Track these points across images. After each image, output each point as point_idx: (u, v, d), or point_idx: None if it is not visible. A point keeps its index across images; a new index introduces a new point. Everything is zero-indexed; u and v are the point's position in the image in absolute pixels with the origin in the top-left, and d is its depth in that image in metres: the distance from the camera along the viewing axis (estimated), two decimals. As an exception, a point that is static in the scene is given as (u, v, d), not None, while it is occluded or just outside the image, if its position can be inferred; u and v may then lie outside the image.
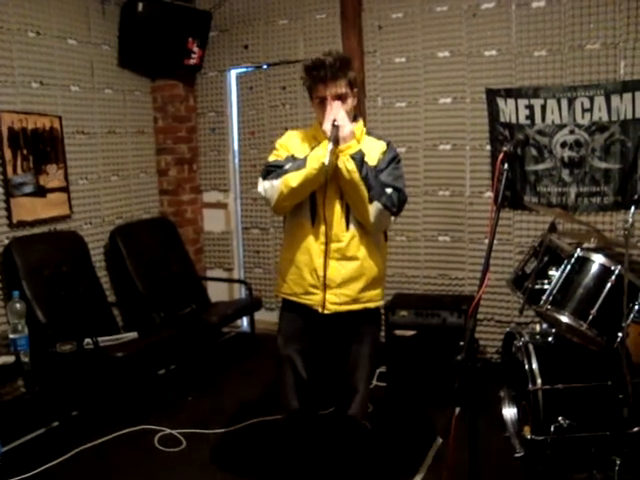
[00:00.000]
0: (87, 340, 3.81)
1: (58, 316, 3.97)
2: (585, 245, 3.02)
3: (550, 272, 2.97)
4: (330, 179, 2.60)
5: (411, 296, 4.62)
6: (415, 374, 4.09)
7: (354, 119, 2.75)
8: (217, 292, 5.44)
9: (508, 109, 4.34)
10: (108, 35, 4.77)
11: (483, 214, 4.52)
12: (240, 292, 5.55)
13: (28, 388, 3.98)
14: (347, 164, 2.54)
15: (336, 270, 2.67)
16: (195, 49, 5.11)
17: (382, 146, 2.74)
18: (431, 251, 4.77)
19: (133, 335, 4.13)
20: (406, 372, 4.12)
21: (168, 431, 3.76)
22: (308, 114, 4.84)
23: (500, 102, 4.36)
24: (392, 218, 2.67)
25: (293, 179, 2.59)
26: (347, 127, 2.56)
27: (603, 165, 4.17)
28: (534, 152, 4.32)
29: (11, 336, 3.53)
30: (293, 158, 2.69)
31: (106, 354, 3.81)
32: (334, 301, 2.69)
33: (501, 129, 4.38)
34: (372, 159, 2.66)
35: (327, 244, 2.66)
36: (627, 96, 4.02)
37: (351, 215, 2.67)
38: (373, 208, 2.58)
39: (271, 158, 2.78)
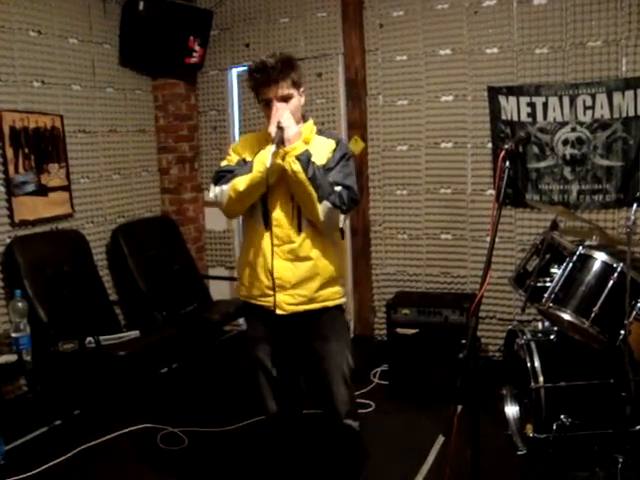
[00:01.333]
0: (89, 339, 3.81)
1: (60, 315, 3.97)
2: (587, 243, 3.01)
3: (552, 270, 2.96)
4: (280, 181, 2.63)
5: (413, 294, 4.62)
6: (417, 372, 4.09)
7: (303, 119, 2.77)
8: (219, 290, 5.43)
9: (510, 107, 4.33)
10: (109, 34, 4.77)
11: (485, 212, 4.51)
12: (242, 291, 5.54)
13: (30, 387, 3.98)
14: (293, 165, 2.54)
15: (290, 271, 2.68)
16: (196, 48, 5.11)
17: (331, 144, 2.75)
18: (433, 249, 4.76)
19: (135, 334, 4.13)
20: (408, 370, 4.12)
21: (170, 429, 3.77)
22: (309, 112, 4.82)
23: (502, 100, 4.35)
24: (342, 216, 2.68)
25: (240, 183, 2.61)
26: (292, 128, 2.57)
27: (605, 162, 4.16)
28: (536, 150, 4.31)
29: (13, 335, 3.53)
30: (244, 162, 2.72)
31: (108, 353, 3.81)
32: (290, 302, 2.70)
33: (503, 127, 4.38)
34: (321, 158, 2.67)
35: (280, 245, 2.68)
36: (629, 93, 4.01)
37: (303, 216, 2.67)
38: (322, 207, 2.58)
39: (223, 163, 2.82)
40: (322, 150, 2.71)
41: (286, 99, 2.65)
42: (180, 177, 5.35)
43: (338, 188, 2.62)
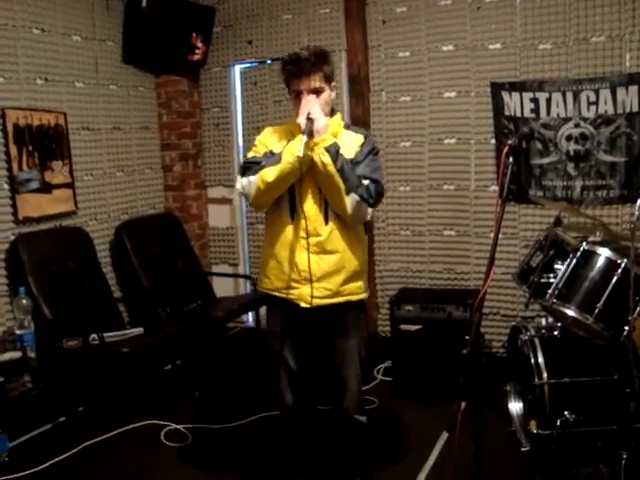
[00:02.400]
0: (93, 336, 3.83)
1: (64, 312, 3.98)
2: (591, 239, 3.00)
3: (556, 266, 2.95)
4: (308, 173, 2.63)
5: (416, 290, 4.62)
6: (421, 369, 4.09)
7: (332, 112, 2.78)
8: (222, 287, 5.43)
9: (513, 102, 4.32)
10: (112, 31, 4.77)
11: (488, 208, 4.51)
12: (245, 287, 5.55)
13: (35, 384, 4.00)
14: (322, 157, 2.55)
15: (316, 264, 2.69)
16: (199, 44, 5.11)
17: (360, 139, 2.76)
18: (436, 245, 4.76)
19: (139, 331, 4.15)
20: (411, 367, 4.12)
21: (174, 426, 3.78)
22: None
23: (505, 95, 4.34)
24: (370, 210, 2.69)
25: (269, 174, 2.61)
26: (321, 120, 2.58)
27: (609, 158, 4.15)
28: (539, 146, 4.30)
29: (18, 332, 3.55)
30: (271, 154, 2.72)
31: (112, 350, 3.82)
32: (315, 295, 2.70)
33: (506, 123, 4.37)
34: (350, 152, 2.68)
35: (307, 238, 2.68)
36: (633, 89, 4.00)
37: (330, 209, 2.68)
38: (350, 200, 2.60)
39: (249, 155, 2.81)
40: (351, 144, 2.72)
41: (317, 92, 2.66)
42: (183, 174, 5.36)
43: (366, 182, 2.63)
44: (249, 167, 2.71)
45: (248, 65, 5.28)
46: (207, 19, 5.13)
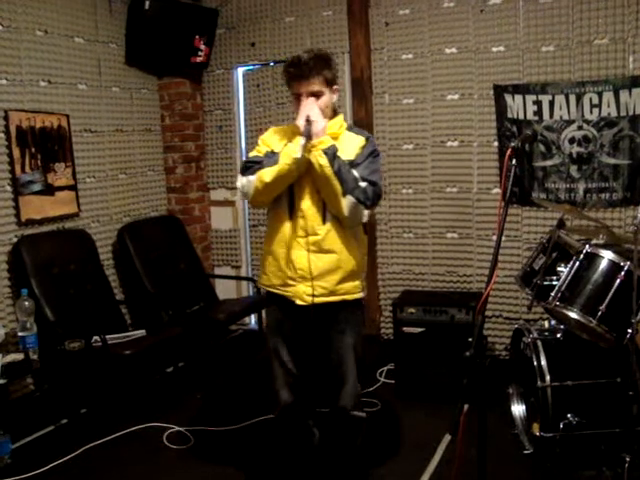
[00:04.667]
0: (95, 338, 3.83)
1: (67, 314, 3.98)
2: (594, 241, 2.99)
3: (559, 268, 2.95)
4: (306, 174, 2.66)
5: (419, 293, 4.62)
6: (423, 371, 4.08)
7: (334, 114, 2.80)
8: (225, 290, 5.44)
9: (516, 105, 4.32)
10: (115, 33, 4.78)
11: (491, 210, 4.51)
12: (248, 289, 5.55)
13: (37, 386, 4.00)
14: (319, 159, 2.58)
15: (313, 262, 2.70)
16: (202, 47, 5.11)
17: (361, 140, 2.77)
18: (439, 248, 4.75)
19: (141, 333, 4.14)
20: (414, 369, 4.11)
21: (176, 428, 3.78)
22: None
23: (508, 98, 4.34)
24: (366, 211, 2.69)
25: (267, 174, 2.65)
26: (320, 123, 2.61)
27: (612, 161, 4.14)
28: (542, 148, 4.30)
29: (20, 334, 3.54)
30: (272, 153, 2.74)
31: (114, 352, 3.82)
32: (311, 293, 2.71)
33: (509, 125, 4.37)
34: (350, 154, 2.69)
35: (304, 237, 2.70)
36: (636, 91, 3.99)
37: (328, 209, 2.70)
38: (346, 202, 2.61)
39: (251, 154, 2.84)
40: (352, 146, 2.74)
41: (316, 95, 2.68)
42: (186, 176, 5.36)
43: (363, 184, 2.64)
44: (249, 166, 2.74)
45: (251, 67, 5.28)
46: (210, 21, 5.13)
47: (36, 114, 4.11)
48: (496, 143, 4.45)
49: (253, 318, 5.42)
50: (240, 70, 5.35)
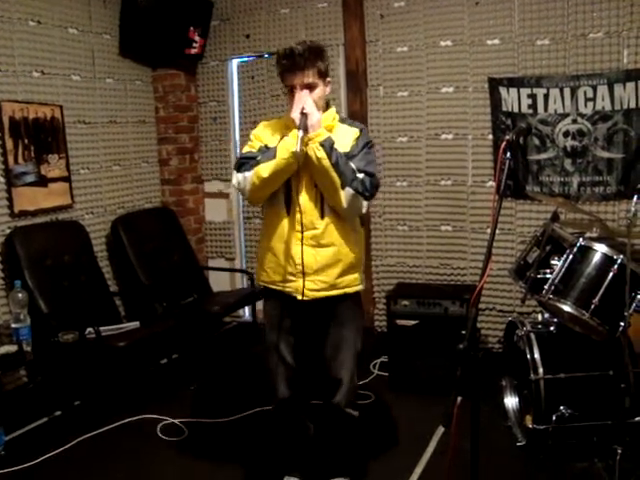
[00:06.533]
0: (89, 330, 3.82)
1: (60, 306, 3.97)
2: (587, 235, 3.00)
3: (552, 261, 2.95)
4: (303, 167, 2.64)
5: (413, 286, 4.63)
6: (417, 363, 4.10)
7: (327, 106, 2.79)
8: (219, 282, 5.44)
9: (510, 98, 4.32)
10: (109, 24, 4.75)
11: (485, 203, 4.51)
12: (242, 282, 5.55)
13: (30, 377, 3.99)
14: (317, 151, 2.56)
15: (312, 257, 2.70)
16: (196, 38, 5.09)
17: (355, 132, 2.76)
18: (433, 241, 4.76)
19: (135, 325, 4.14)
20: (408, 361, 4.13)
21: (170, 420, 3.78)
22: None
23: (502, 91, 4.34)
24: (365, 203, 2.69)
25: (264, 170, 2.62)
26: (315, 115, 2.59)
27: (606, 154, 4.15)
28: (536, 141, 4.31)
29: (13, 326, 3.54)
30: (266, 148, 2.72)
31: (108, 344, 3.82)
32: (311, 287, 2.71)
33: (503, 118, 4.37)
34: (345, 145, 2.68)
35: (302, 232, 2.69)
36: (630, 85, 4.00)
37: (326, 202, 2.69)
38: (345, 194, 2.60)
39: (245, 150, 2.81)
40: (346, 138, 2.72)
41: (310, 87, 2.65)
42: (180, 168, 5.35)
43: (360, 175, 2.63)
44: (244, 162, 2.72)
45: (245, 59, 5.26)
46: (205, 13, 5.11)
47: (29, 105, 4.09)
48: (491, 136, 4.45)
49: (247, 310, 5.41)
50: (235, 62, 5.33)
